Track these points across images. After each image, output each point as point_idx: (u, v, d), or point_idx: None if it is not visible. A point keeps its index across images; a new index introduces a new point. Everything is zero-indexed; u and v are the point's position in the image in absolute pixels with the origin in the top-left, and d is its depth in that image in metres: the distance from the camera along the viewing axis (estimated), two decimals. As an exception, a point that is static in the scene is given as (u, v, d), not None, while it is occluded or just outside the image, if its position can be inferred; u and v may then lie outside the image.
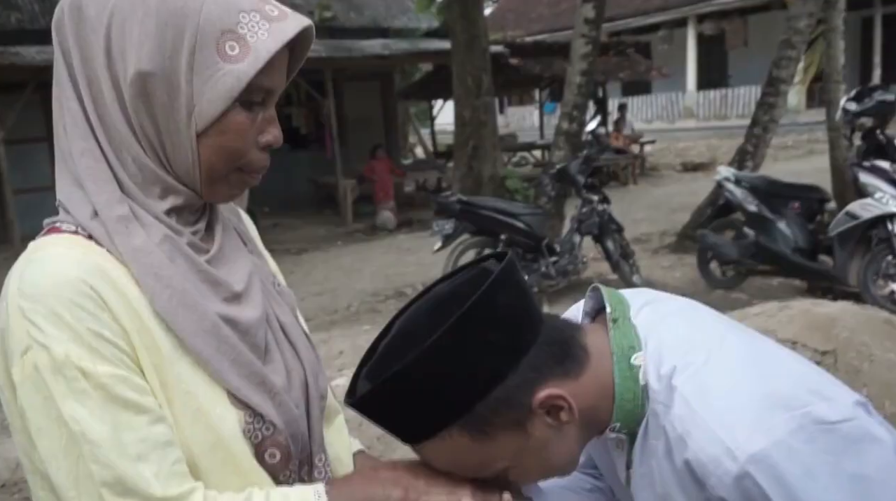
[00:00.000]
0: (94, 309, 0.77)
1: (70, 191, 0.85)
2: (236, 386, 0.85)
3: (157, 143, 0.84)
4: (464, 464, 0.88)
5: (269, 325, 0.93)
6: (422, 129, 19.14)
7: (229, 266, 0.91)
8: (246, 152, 0.86)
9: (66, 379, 0.76)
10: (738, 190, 5.95)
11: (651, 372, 0.88)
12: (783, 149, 15.18)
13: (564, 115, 7.55)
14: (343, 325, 6.21)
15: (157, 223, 0.84)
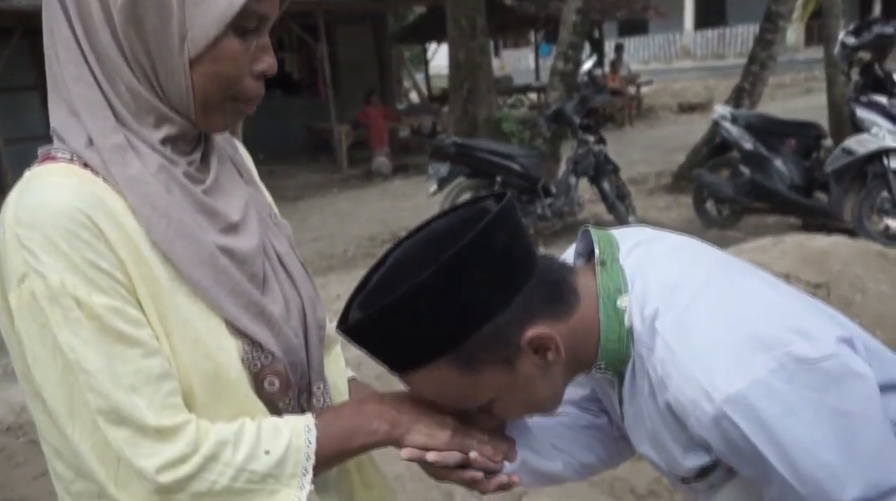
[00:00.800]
0: (90, 239, 0.77)
1: (64, 119, 0.84)
2: (234, 315, 0.85)
3: (149, 70, 0.83)
4: (450, 396, 0.90)
5: (266, 256, 0.93)
6: (416, 74, 18.90)
7: (225, 196, 0.91)
8: (240, 80, 0.85)
9: (61, 307, 0.76)
10: (734, 128, 5.91)
11: (636, 315, 0.90)
12: (780, 88, 15.04)
13: (560, 55, 7.45)
14: (340, 270, 6.23)
15: (153, 152, 0.84)
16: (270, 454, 0.83)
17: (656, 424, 0.90)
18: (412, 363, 0.87)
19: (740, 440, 0.80)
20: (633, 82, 14.62)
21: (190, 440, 0.79)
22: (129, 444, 0.77)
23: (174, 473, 0.78)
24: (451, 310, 0.84)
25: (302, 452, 0.85)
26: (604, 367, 0.94)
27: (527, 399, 0.92)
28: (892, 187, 5.00)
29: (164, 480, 0.78)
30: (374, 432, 0.91)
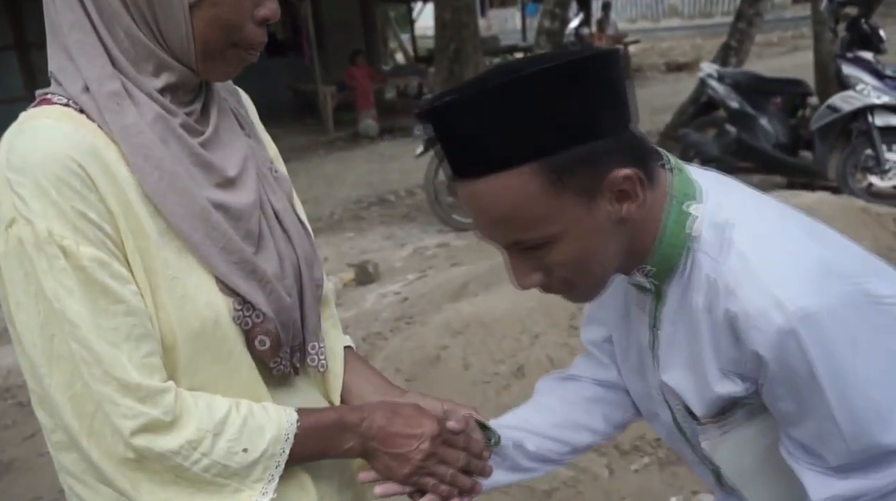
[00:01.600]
0: (80, 188, 0.76)
1: (62, 63, 0.82)
2: (224, 272, 0.84)
3: (149, 16, 0.81)
4: (521, 214, 0.82)
5: (262, 212, 0.91)
6: (402, 34, 18.66)
7: (224, 149, 0.89)
8: (241, 25, 0.83)
9: (47, 256, 0.75)
10: (720, 86, 5.88)
11: (705, 223, 0.87)
12: (768, 46, 14.96)
13: (546, 14, 7.36)
14: (327, 233, 6.23)
15: (150, 101, 0.82)
16: (247, 453, 0.83)
17: (702, 341, 0.88)
18: (499, 161, 0.80)
19: (799, 362, 0.79)
20: (621, 41, 14.48)
21: (169, 408, 0.79)
22: (109, 400, 0.77)
23: (149, 440, 0.78)
24: (557, 112, 0.79)
25: (274, 460, 0.85)
26: (648, 272, 0.91)
27: (584, 252, 0.85)
28: (875, 144, 5.01)
29: (137, 443, 0.77)
30: (346, 451, 0.92)
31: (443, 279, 4.28)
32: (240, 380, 0.87)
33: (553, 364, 2.87)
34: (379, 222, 6.49)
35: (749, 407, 0.91)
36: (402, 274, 4.96)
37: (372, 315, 3.97)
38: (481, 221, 0.86)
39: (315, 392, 1.01)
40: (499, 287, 3.41)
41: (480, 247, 5.41)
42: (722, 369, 0.88)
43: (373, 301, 4.42)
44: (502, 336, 3.00)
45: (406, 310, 3.85)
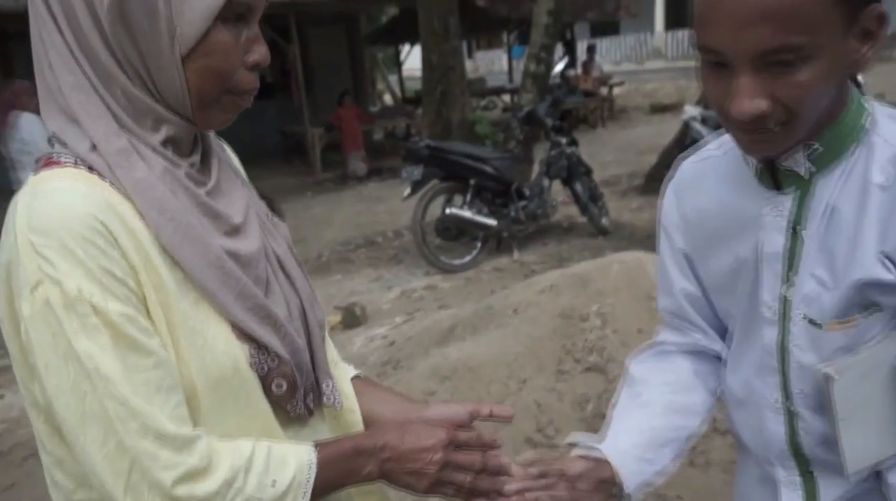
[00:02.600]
0: (104, 246, 0.77)
1: (64, 125, 0.83)
2: (241, 318, 0.85)
3: (143, 71, 0.82)
4: (801, 10, 0.79)
5: (268, 257, 0.93)
6: (390, 75, 18.88)
7: (227, 198, 0.91)
8: (233, 72, 0.85)
9: (77, 315, 0.75)
10: (704, 129, 5.98)
11: (882, 115, 0.91)
12: (751, 88, 15.22)
13: (532, 57, 7.48)
14: (314, 275, 6.21)
15: (156, 155, 0.83)
16: (276, 485, 0.84)
17: (867, 221, 0.89)
18: None
19: None
20: (606, 83, 14.71)
21: (203, 454, 0.80)
22: (147, 454, 0.77)
23: (190, 488, 0.78)
24: None
25: (301, 489, 0.86)
26: (812, 153, 0.91)
27: (823, 81, 0.83)
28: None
29: (179, 493, 0.78)
30: (366, 476, 0.93)
31: (430, 322, 4.27)
32: (257, 426, 0.88)
33: (541, 409, 2.86)
34: (366, 264, 6.48)
35: (883, 319, 0.91)
36: (390, 316, 4.95)
37: (359, 359, 3.95)
38: (751, 15, 0.80)
39: (329, 432, 1.02)
40: (486, 330, 3.40)
41: (467, 289, 5.41)
42: (883, 252, 0.88)
43: (360, 344, 4.39)
44: (490, 381, 2.99)
45: (393, 354, 3.83)
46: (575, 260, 5.24)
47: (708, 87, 0.89)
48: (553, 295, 3.35)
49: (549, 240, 6.37)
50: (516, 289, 3.75)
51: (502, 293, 3.91)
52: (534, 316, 3.25)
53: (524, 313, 3.31)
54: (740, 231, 1.00)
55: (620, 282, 3.26)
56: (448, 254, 6.03)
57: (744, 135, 0.89)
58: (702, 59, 0.88)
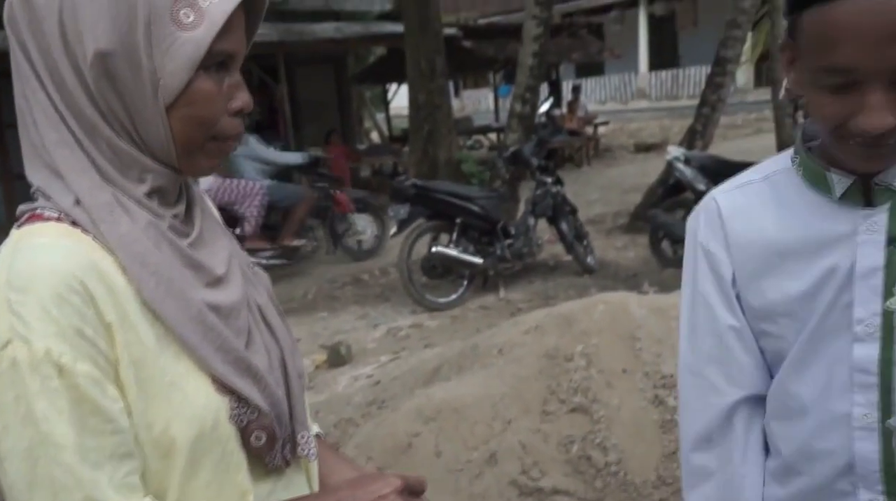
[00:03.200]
0: (80, 305, 0.77)
1: (48, 180, 0.83)
2: (222, 372, 0.85)
3: (127, 123, 0.83)
4: None
5: (249, 307, 0.93)
6: (377, 114, 19.04)
7: (209, 248, 0.91)
8: (217, 120, 0.85)
9: (41, 376, 0.75)
10: (687, 169, 6.06)
11: None
12: (733, 128, 15.46)
13: (517, 98, 7.59)
14: (300, 313, 6.19)
15: (140, 208, 0.84)
16: None
17: None
18: None
19: None
20: (591, 122, 14.91)
21: None
22: None
23: None
24: None
25: None
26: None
27: None
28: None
29: None
30: None
31: (416, 361, 4.26)
32: (232, 480, 0.88)
33: (525, 450, 2.85)
34: (353, 302, 6.47)
35: None
36: (376, 355, 4.93)
37: (344, 399, 3.93)
38: (892, 31, 0.82)
39: (305, 483, 1.02)
40: (471, 371, 3.39)
41: (453, 327, 5.41)
42: None
43: (345, 384, 4.37)
44: (474, 422, 2.97)
45: (378, 394, 3.81)
46: (561, 299, 5.26)
47: (823, 108, 0.89)
48: (538, 336, 3.36)
49: (535, 279, 6.40)
50: (501, 329, 3.76)
51: (488, 333, 3.91)
52: (519, 356, 3.25)
53: (509, 353, 3.31)
54: (816, 252, 0.99)
55: (605, 323, 3.27)
56: (434, 293, 6.03)
57: (863, 151, 0.90)
58: (817, 82, 0.89)
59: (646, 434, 2.80)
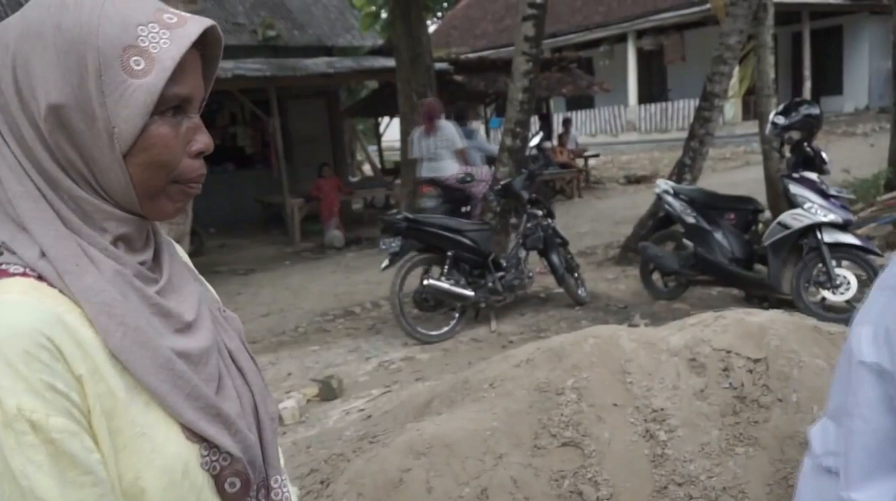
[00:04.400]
0: (48, 361, 0.76)
1: (14, 234, 0.83)
2: (192, 419, 0.85)
3: (86, 173, 0.84)
4: None
5: (220, 352, 0.93)
6: (369, 146, 19.15)
7: (178, 294, 0.91)
8: (177, 163, 0.86)
9: (15, 432, 0.74)
10: (676, 202, 6.12)
11: None
12: (721, 161, 15.62)
13: (507, 132, 7.66)
14: (291, 346, 6.18)
15: (106, 258, 0.84)
16: None
17: None
18: None
19: None
20: (581, 155, 15.03)
21: None
22: None
23: None
24: None
25: None
26: None
27: None
28: (826, 260, 5.20)
29: None
30: None
31: (407, 395, 4.25)
32: None
33: (517, 485, 2.83)
34: (344, 334, 6.46)
35: None
36: (367, 388, 4.91)
37: (335, 433, 3.91)
38: None
39: None
40: (462, 405, 3.39)
41: (445, 360, 5.40)
42: None
43: (336, 418, 4.35)
44: (465, 456, 2.96)
45: (369, 429, 3.79)
46: (552, 331, 5.27)
47: None
48: (529, 369, 3.36)
49: (526, 311, 6.41)
50: (492, 363, 3.76)
51: (478, 366, 3.91)
52: (510, 390, 3.25)
53: (500, 387, 3.31)
54: None
55: (595, 357, 3.28)
56: (426, 325, 6.03)
57: None
58: None
59: (637, 469, 2.79)
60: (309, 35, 14.02)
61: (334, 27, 14.51)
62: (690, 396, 3.04)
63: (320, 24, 14.43)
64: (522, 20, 7.46)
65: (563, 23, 22.39)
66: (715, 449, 2.81)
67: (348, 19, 14.85)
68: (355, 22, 14.80)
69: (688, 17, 19.99)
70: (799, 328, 3.30)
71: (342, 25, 14.62)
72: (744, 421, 2.89)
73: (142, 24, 0.82)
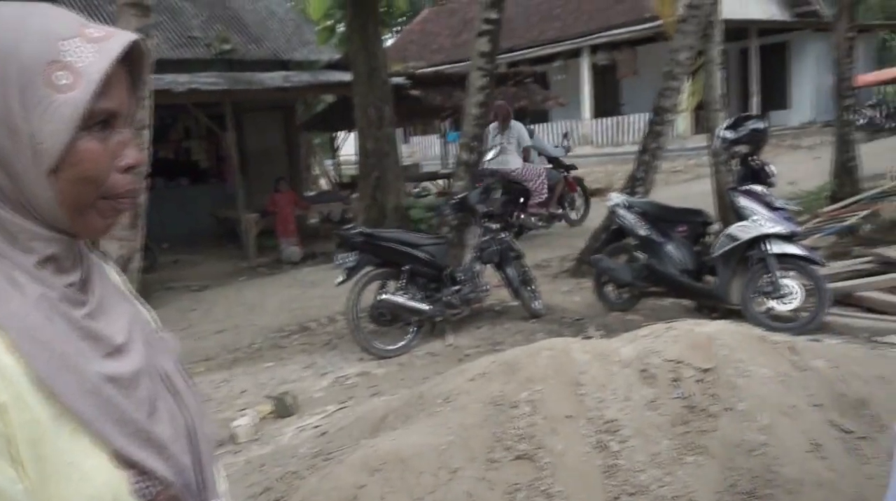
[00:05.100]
0: None
1: None
2: (121, 445, 0.83)
3: (11, 192, 0.82)
4: None
5: (152, 375, 0.91)
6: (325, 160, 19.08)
7: (108, 316, 0.89)
8: (105, 178, 0.84)
9: None
10: (629, 215, 6.21)
11: None
12: (673, 173, 15.91)
13: (464, 146, 7.71)
14: (246, 363, 6.10)
15: (31, 281, 0.82)
16: None
17: None
18: None
19: None
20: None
21: None
22: None
23: None
24: None
25: None
26: None
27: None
28: (772, 271, 5.33)
29: None
30: None
31: (362, 411, 4.23)
32: None
33: (472, 499, 2.84)
34: (300, 350, 6.40)
35: None
36: (322, 405, 4.88)
37: (289, 451, 3.87)
38: None
39: None
40: (417, 419, 3.39)
41: (401, 375, 5.39)
42: None
43: (291, 435, 4.31)
44: (420, 472, 2.96)
45: (324, 446, 3.76)
46: (508, 344, 5.30)
47: None
48: (484, 383, 3.37)
49: (482, 324, 6.43)
50: (447, 377, 3.77)
51: (433, 381, 3.91)
52: (464, 404, 3.26)
53: (455, 401, 3.31)
54: None
55: (549, 369, 3.31)
56: (382, 340, 6.02)
57: None
58: None
59: (589, 480, 2.82)
60: (265, 49, 13.95)
61: (291, 41, 14.47)
62: (642, 407, 3.09)
63: (276, 38, 14.38)
64: (478, 36, 7.53)
65: (518, 38, 22.64)
66: (665, 459, 2.86)
67: (305, 33, 14.82)
68: (312, 36, 14.77)
69: (640, 34, 20.37)
70: (746, 338, 3.38)
71: (298, 39, 14.58)
72: (693, 431, 2.94)
73: (64, 39, 0.81)
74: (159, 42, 10.89)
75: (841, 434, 2.84)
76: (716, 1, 8.18)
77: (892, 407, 2.92)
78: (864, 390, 3.00)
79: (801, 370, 3.14)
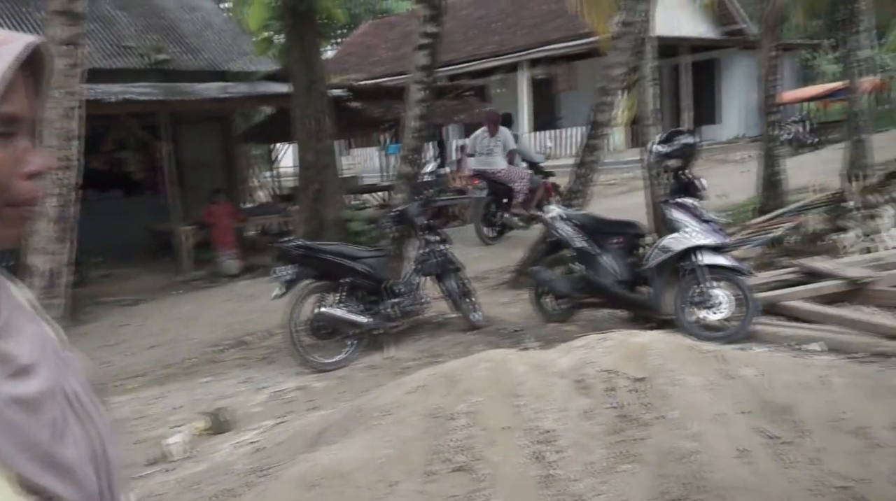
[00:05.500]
0: None
1: None
2: (25, 469, 0.80)
3: None
4: None
5: (59, 397, 0.89)
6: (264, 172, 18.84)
7: (16, 336, 0.87)
8: (7, 185, 0.83)
9: None
10: (566, 227, 6.32)
11: None
12: (609, 186, 16.23)
13: (403, 159, 7.73)
14: (181, 379, 5.97)
15: None
16: None
17: None
18: None
19: None
20: (476, 181, 15.25)
21: None
22: None
23: None
24: None
25: None
26: None
27: None
28: (701, 281, 5.49)
29: None
30: None
31: (300, 425, 4.19)
32: None
33: (411, 513, 2.84)
34: (236, 365, 6.30)
35: None
36: (260, 420, 4.80)
37: (224, 468, 3.80)
38: None
39: None
40: (356, 433, 3.37)
41: (340, 388, 5.35)
42: None
43: (226, 452, 4.23)
44: (359, 486, 2.95)
45: (261, 462, 3.71)
46: (448, 356, 5.32)
47: None
48: (422, 396, 3.38)
49: (422, 336, 6.44)
50: (386, 390, 3.76)
51: (373, 394, 3.90)
52: (403, 417, 3.26)
53: (394, 414, 3.31)
54: None
55: (487, 381, 3.34)
56: (321, 353, 5.97)
57: None
58: None
59: (526, 491, 2.85)
60: (202, 59, 13.72)
61: (229, 52, 14.26)
62: (578, 416, 3.14)
63: (213, 49, 14.16)
64: (417, 49, 7.58)
65: (458, 52, 22.81)
66: (600, 468, 2.91)
67: (242, 44, 14.63)
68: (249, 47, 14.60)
69: (576, 49, 20.75)
70: (677, 347, 3.48)
71: (236, 50, 14.38)
72: (627, 439, 3.01)
73: None
74: (91, 51, 10.60)
75: (767, 439, 2.94)
76: (648, 19, 8.40)
77: (815, 412, 3.04)
78: (789, 396, 3.11)
79: (730, 378, 3.24)
